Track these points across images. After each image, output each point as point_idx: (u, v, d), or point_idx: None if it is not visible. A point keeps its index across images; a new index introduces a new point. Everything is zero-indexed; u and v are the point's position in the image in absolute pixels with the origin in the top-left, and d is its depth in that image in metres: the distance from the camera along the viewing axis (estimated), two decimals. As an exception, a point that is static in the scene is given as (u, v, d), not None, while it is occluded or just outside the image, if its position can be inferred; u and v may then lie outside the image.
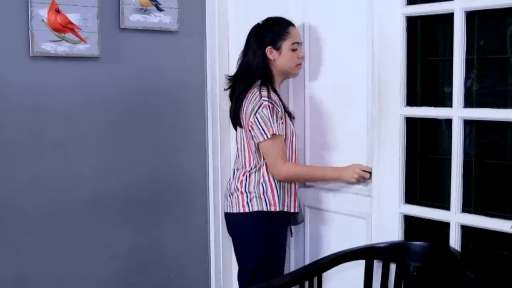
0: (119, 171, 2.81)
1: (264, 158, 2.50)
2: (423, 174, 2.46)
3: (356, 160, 2.56)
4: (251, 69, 2.52)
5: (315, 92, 2.76)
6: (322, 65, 2.72)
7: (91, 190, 2.73)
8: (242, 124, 2.50)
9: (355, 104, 2.58)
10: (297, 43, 2.57)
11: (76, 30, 2.59)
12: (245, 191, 2.50)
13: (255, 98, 2.43)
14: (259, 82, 2.50)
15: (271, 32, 2.54)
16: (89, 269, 2.76)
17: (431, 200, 2.41)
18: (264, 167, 2.51)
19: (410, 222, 2.41)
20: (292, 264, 2.94)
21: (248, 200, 2.49)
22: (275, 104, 2.44)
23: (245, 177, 2.52)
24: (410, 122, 2.38)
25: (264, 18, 2.61)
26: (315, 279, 2.30)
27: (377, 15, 2.39)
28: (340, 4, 2.62)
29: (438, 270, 2.26)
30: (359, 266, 2.41)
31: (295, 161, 2.59)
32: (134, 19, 2.76)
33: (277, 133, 2.43)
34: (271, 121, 2.41)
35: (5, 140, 2.50)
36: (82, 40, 2.61)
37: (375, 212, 2.47)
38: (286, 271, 2.76)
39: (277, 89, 2.57)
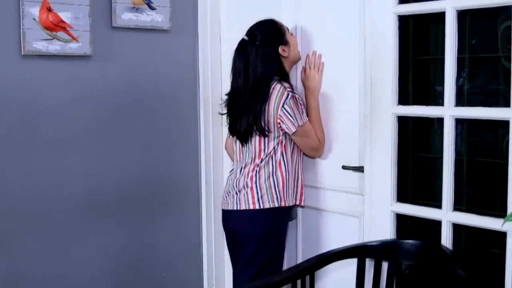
0: (112, 170, 2.80)
1: (278, 149, 2.52)
2: (415, 173, 2.48)
3: (350, 160, 2.57)
4: (264, 79, 2.47)
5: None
6: (315, 64, 2.72)
7: (84, 189, 2.72)
8: (264, 127, 2.46)
9: (347, 103, 2.59)
10: (288, 28, 2.61)
11: (68, 28, 2.58)
12: (256, 186, 2.49)
13: (278, 90, 2.44)
14: (276, 78, 2.50)
15: (270, 34, 2.53)
16: (82, 268, 2.75)
17: (423, 198, 2.42)
18: (274, 159, 2.51)
19: (402, 220, 2.42)
20: (285, 262, 2.94)
21: (259, 197, 2.49)
22: (299, 95, 2.50)
23: (255, 172, 2.51)
24: (402, 121, 2.39)
25: (255, 17, 2.59)
26: (307, 278, 2.31)
27: (369, 14, 2.39)
28: (332, 3, 2.63)
29: (430, 268, 2.27)
30: (351, 264, 2.41)
31: (300, 156, 2.63)
32: (126, 17, 2.76)
33: (305, 121, 2.50)
34: (299, 111, 2.47)
35: (-3, 139, 2.50)
36: (74, 38, 2.60)
37: (367, 211, 2.47)
38: (278, 270, 2.77)
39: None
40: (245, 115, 2.48)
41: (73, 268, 2.73)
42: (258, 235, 2.51)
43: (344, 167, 2.60)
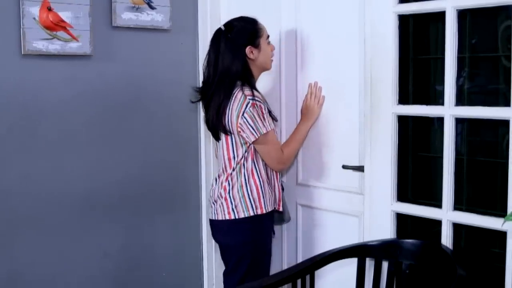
0: (112, 170, 2.80)
1: (251, 157, 2.46)
2: (415, 172, 2.47)
3: (350, 159, 2.57)
4: (228, 74, 2.42)
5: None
6: (314, 64, 2.72)
7: (83, 188, 2.73)
8: (229, 129, 2.42)
9: (347, 102, 2.59)
10: (268, 36, 2.56)
11: (68, 28, 2.58)
12: (229, 196, 2.45)
13: (239, 99, 2.38)
14: (239, 83, 2.43)
15: (244, 32, 2.47)
16: (82, 268, 2.75)
17: (423, 198, 2.42)
18: (246, 167, 2.46)
19: (402, 220, 2.42)
20: (285, 262, 2.94)
21: (233, 207, 2.45)
22: (261, 102, 2.41)
23: (227, 182, 2.47)
24: (402, 121, 2.39)
25: (255, 17, 2.59)
26: (308, 277, 2.31)
27: (369, 13, 2.39)
28: (332, 3, 2.62)
29: (430, 268, 2.27)
30: (351, 264, 2.41)
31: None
32: (126, 17, 2.76)
33: (268, 129, 2.41)
34: (261, 119, 2.39)
35: (-3, 138, 2.50)
36: (74, 38, 2.61)
37: (367, 210, 2.47)
38: (278, 269, 2.76)
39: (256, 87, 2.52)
40: (211, 108, 2.45)
41: (72, 268, 2.73)
42: (237, 244, 2.48)
43: (344, 167, 2.60)
